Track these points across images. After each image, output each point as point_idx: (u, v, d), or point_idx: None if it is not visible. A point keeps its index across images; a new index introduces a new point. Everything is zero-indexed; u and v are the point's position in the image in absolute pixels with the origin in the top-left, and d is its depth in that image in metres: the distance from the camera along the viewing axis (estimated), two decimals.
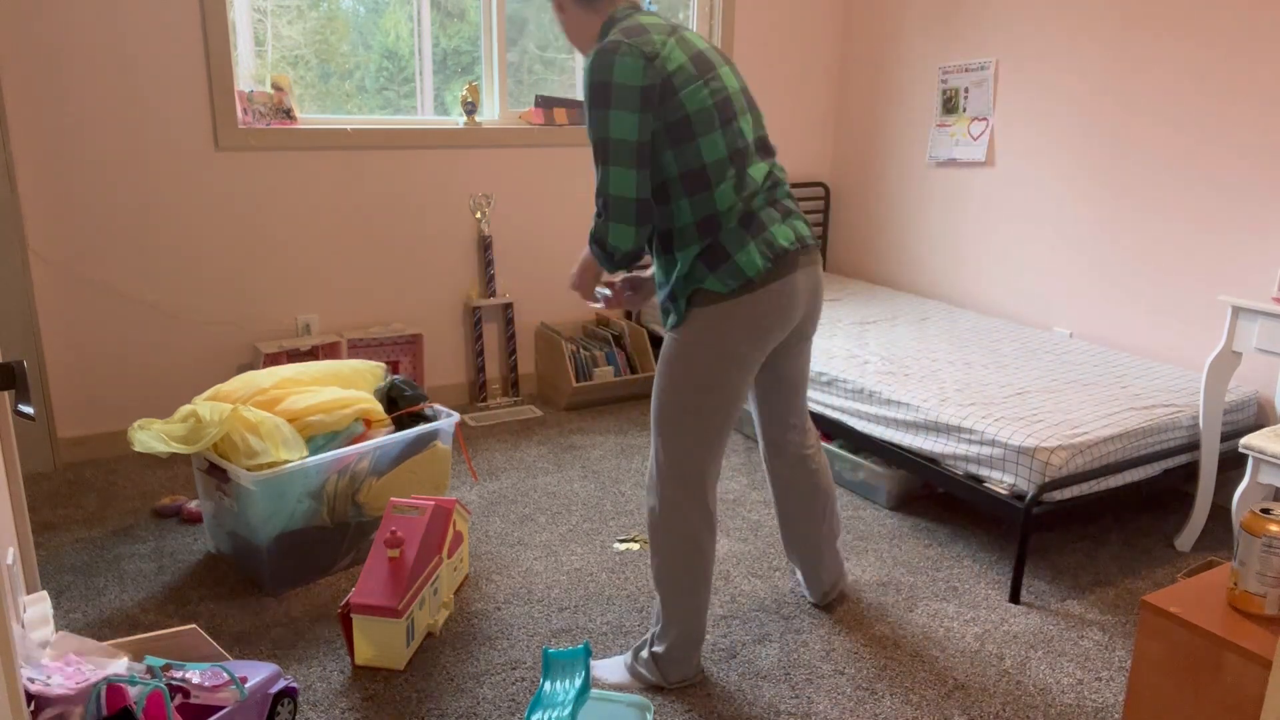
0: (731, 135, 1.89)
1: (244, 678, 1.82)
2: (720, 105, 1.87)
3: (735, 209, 1.89)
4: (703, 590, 2.04)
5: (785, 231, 1.95)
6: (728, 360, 1.92)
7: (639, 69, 1.79)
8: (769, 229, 1.92)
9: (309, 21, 3.49)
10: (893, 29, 4.21)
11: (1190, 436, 2.72)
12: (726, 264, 1.88)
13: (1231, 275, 3.03)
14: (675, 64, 1.83)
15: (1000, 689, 2.13)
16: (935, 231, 4.13)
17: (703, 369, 1.92)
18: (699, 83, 1.85)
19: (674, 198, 1.88)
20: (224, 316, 3.45)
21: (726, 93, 1.90)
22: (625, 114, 1.80)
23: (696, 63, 1.86)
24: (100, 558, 2.63)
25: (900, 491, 3.04)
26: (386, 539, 2.18)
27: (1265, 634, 1.56)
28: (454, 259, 3.84)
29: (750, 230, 1.90)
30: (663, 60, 1.81)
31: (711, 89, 1.87)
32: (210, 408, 2.38)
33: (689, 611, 2.05)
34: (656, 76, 1.80)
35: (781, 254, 1.92)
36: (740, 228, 1.89)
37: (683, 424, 1.95)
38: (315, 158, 3.47)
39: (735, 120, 1.90)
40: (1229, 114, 2.98)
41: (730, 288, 1.87)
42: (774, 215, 1.95)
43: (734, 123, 1.90)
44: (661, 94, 1.81)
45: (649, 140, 1.83)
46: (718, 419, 1.96)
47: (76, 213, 3.13)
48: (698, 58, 1.87)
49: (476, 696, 2.07)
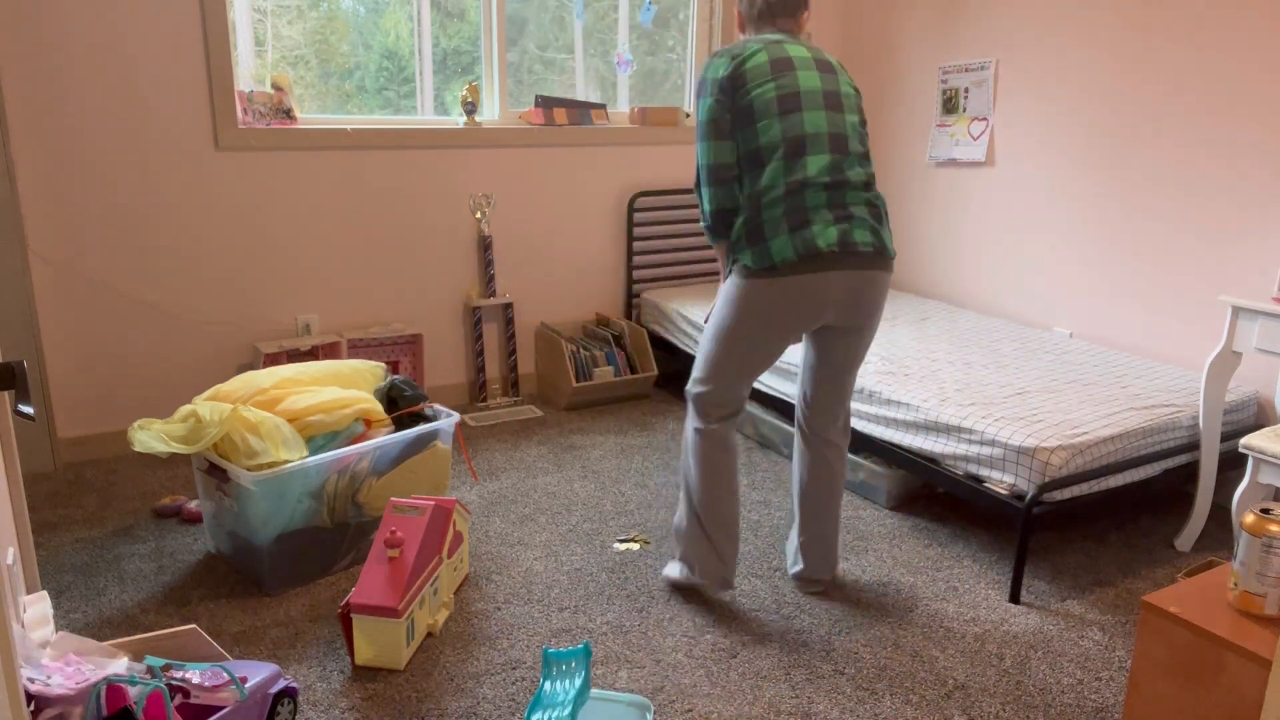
0: (791, 124, 2.12)
1: (244, 678, 1.82)
2: (784, 98, 2.13)
3: (777, 190, 2.11)
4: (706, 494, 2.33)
5: (830, 233, 2.11)
6: (743, 328, 2.21)
7: (721, 65, 2.18)
8: (812, 226, 2.10)
9: (309, 21, 3.49)
10: (893, 29, 4.21)
11: (1190, 436, 2.72)
12: (760, 246, 2.12)
13: (1231, 275, 3.03)
14: (753, 63, 2.15)
15: (1000, 689, 2.13)
16: (935, 231, 4.13)
17: (728, 321, 2.23)
18: (769, 79, 2.14)
19: (742, 174, 2.19)
20: (224, 316, 3.45)
21: (795, 89, 2.14)
22: (706, 99, 2.20)
23: (775, 65, 2.15)
24: (100, 558, 2.63)
25: (900, 491, 3.04)
26: (386, 539, 2.18)
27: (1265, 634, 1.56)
28: (454, 259, 3.84)
29: (792, 220, 2.10)
30: (742, 59, 2.16)
31: (779, 84, 2.14)
32: (210, 408, 2.37)
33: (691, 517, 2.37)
34: (733, 70, 2.16)
35: (815, 253, 2.09)
36: (783, 215, 2.11)
37: (710, 356, 2.29)
38: (315, 158, 3.47)
39: (799, 112, 2.13)
40: (1229, 114, 2.98)
41: (759, 266, 2.13)
42: (826, 215, 2.12)
43: (796, 114, 2.12)
44: (734, 84, 2.15)
45: (725, 118, 2.17)
46: (731, 364, 2.26)
47: (76, 213, 3.13)
48: (780, 61, 2.16)
49: (476, 696, 2.07)
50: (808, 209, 2.10)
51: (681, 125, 4.21)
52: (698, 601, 2.46)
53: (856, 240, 2.13)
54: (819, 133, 2.14)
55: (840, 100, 2.20)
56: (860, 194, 2.17)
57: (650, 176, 4.19)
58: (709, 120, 2.19)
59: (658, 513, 2.97)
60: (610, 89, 4.18)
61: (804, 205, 2.10)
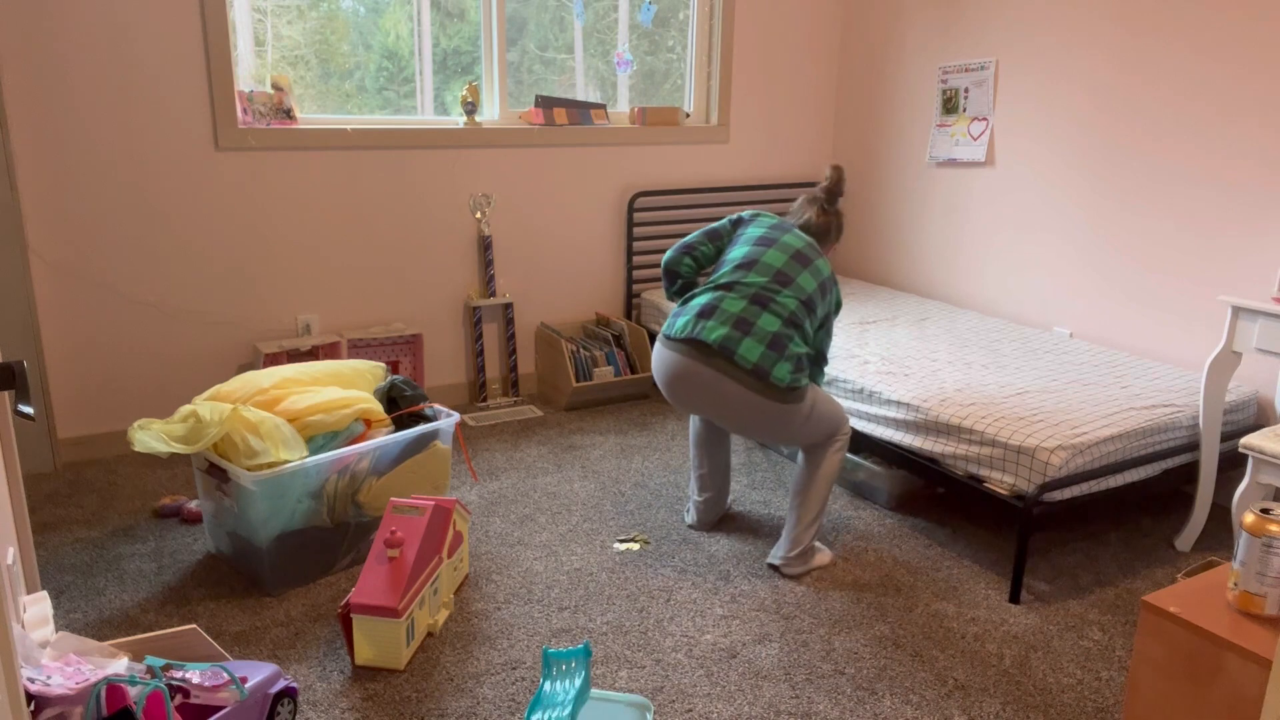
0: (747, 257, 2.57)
1: (244, 678, 1.82)
2: (751, 242, 2.61)
3: (707, 292, 2.55)
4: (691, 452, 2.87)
5: (706, 328, 2.45)
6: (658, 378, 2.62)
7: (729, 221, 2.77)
8: (702, 317, 2.48)
9: (309, 21, 3.49)
10: (893, 29, 4.21)
11: (1190, 436, 2.72)
12: (671, 316, 2.60)
13: (1231, 275, 3.03)
14: (745, 224, 2.71)
15: (1000, 689, 2.13)
16: (935, 231, 4.13)
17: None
18: (747, 229, 2.68)
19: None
20: (224, 316, 3.45)
21: (759, 238, 2.61)
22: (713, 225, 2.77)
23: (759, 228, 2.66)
24: (100, 558, 2.63)
25: (900, 491, 3.04)
26: (386, 539, 2.18)
27: (1265, 634, 1.56)
28: (454, 259, 3.84)
29: (700, 308, 2.51)
30: (743, 221, 2.73)
31: (749, 239, 2.63)
32: (210, 408, 2.37)
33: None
34: (730, 224, 2.75)
35: (680, 337, 2.49)
36: (698, 304, 2.53)
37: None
38: (315, 158, 3.47)
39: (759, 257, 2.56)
40: (1229, 114, 2.98)
41: (662, 330, 2.61)
42: (715, 319, 2.47)
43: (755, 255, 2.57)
44: (732, 227, 2.74)
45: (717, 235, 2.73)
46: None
47: (76, 213, 3.13)
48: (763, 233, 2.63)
49: (476, 696, 2.07)
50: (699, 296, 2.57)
51: (681, 125, 4.21)
52: (698, 601, 2.46)
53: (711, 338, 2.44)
54: (756, 279, 2.51)
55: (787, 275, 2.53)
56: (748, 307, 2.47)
57: (650, 176, 4.19)
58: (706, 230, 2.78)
59: (658, 513, 2.97)
60: (610, 89, 4.18)
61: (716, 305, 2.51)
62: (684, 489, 3.15)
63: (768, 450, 3.52)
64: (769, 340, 2.42)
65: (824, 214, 2.73)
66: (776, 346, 2.42)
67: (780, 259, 2.54)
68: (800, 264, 2.54)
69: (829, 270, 2.61)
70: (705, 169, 4.33)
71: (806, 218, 2.73)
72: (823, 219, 2.72)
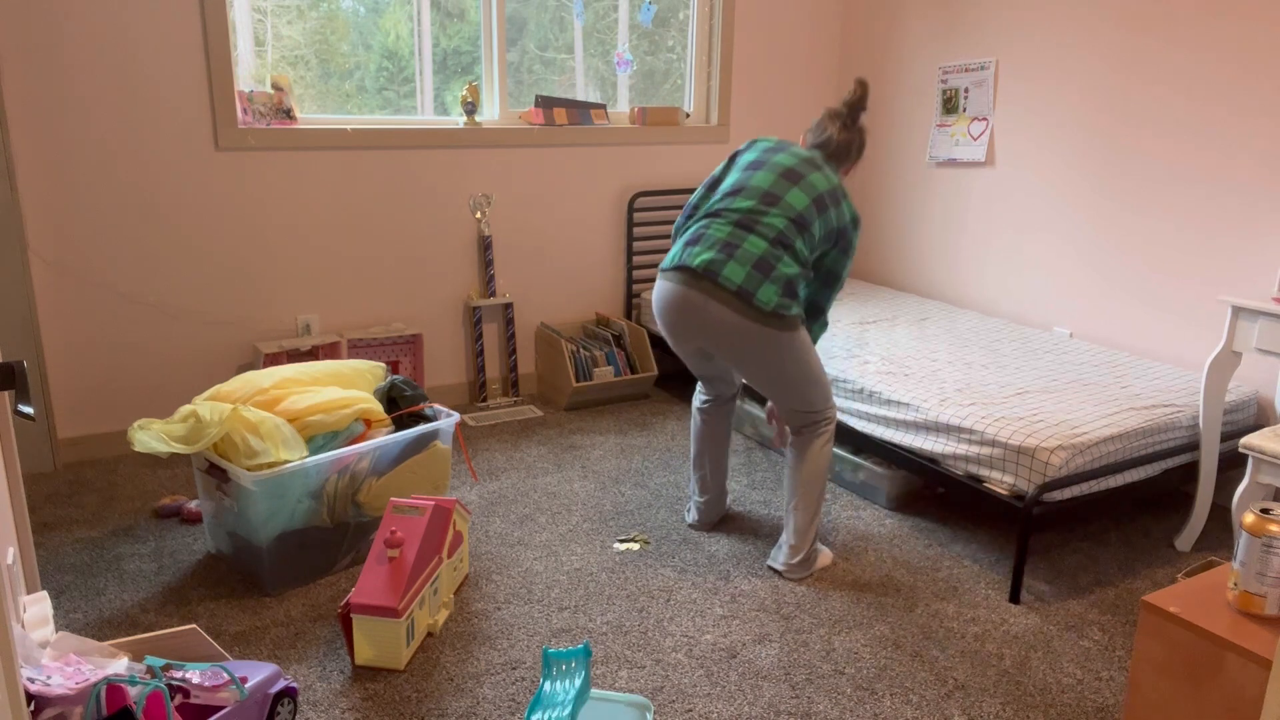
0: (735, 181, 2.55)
1: (244, 678, 1.82)
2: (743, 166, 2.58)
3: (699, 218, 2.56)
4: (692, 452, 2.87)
5: (702, 255, 2.43)
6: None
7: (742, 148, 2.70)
8: (698, 245, 2.46)
9: (309, 21, 3.49)
10: (893, 29, 4.21)
11: (1190, 436, 2.72)
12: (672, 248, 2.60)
13: (1231, 275, 3.03)
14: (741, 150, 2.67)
15: (1000, 689, 2.13)
16: (935, 231, 4.13)
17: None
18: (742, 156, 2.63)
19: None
20: (224, 316, 3.45)
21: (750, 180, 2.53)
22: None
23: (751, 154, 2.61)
24: (100, 558, 2.63)
25: (900, 491, 3.04)
26: (386, 539, 2.18)
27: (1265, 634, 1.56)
28: (454, 259, 3.84)
29: (692, 236, 2.51)
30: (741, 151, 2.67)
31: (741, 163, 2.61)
32: (210, 408, 2.37)
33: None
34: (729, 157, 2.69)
35: (678, 266, 2.47)
36: (692, 230, 2.53)
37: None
38: (315, 158, 3.47)
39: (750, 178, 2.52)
40: (1229, 114, 2.98)
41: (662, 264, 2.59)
42: (710, 244, 2.44)
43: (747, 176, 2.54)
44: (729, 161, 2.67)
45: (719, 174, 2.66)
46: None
47: (76, 213, 3.13)
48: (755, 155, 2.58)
49: (476, 696, 2.07)
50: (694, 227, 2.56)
51: (681, 125, 4.21)
52: (698, 601, 2.46)
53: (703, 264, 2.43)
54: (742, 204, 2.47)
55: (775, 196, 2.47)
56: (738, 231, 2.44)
57: (650, 176, 4.19)
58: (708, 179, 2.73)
59: (658, 513, 2.97)
60: (610, 89, 4.18)
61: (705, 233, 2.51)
62: (684, 489, 3.15)
63: (768, 450, 3.52)
64: (754, 261, 2.38)
65: (845, 130, 2.60)
66: (762, 268, 2.38)
67: (768, 179, 2.47)
68: (790, 180, 2.46)
69: (833, 182, 2.49)
70: (705, 169, 4.33)
71: (827, 135, 2.61)
72: (844, 136, 2.60)
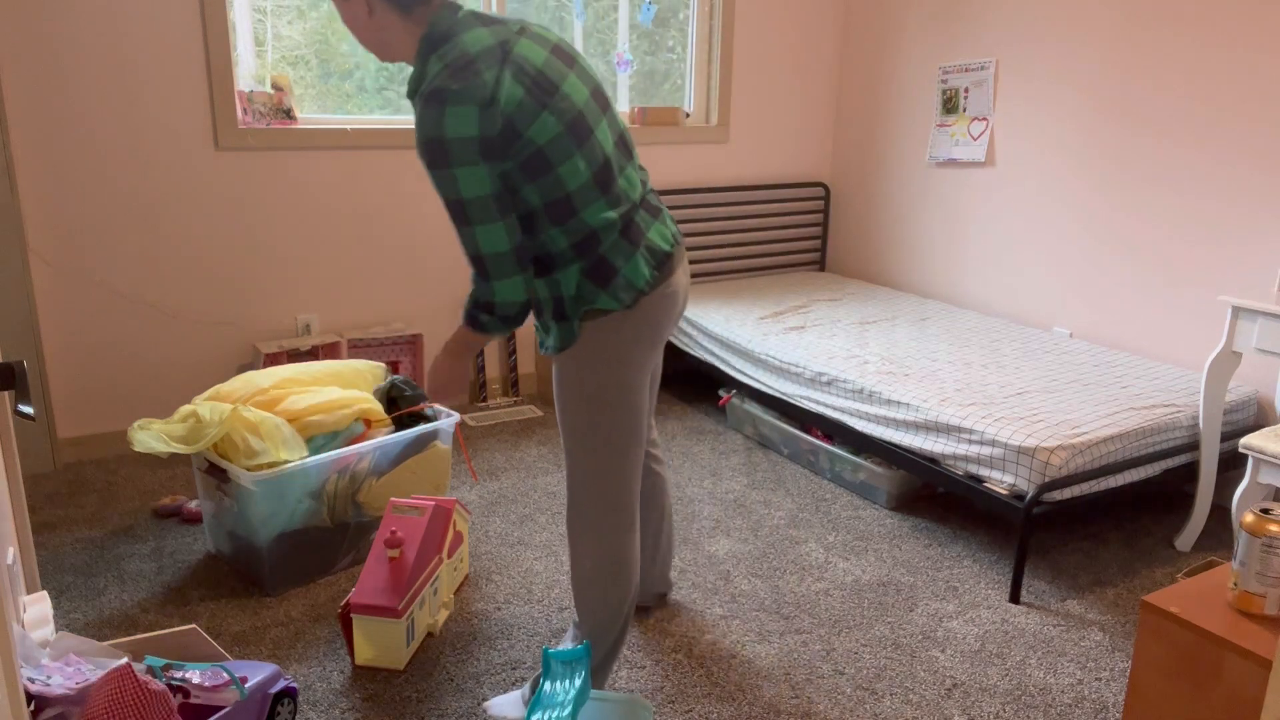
0: (592, 153, 1.75)
1: (244, 678, 1.82)
2: (572, 126, 1.71)
3: (614, 224, 1.78)
4: (628, 608, 1.98)
5: (662, 232, 1.89)
6: (629, 368, 1.85)
7: (472, 118, 1.60)
8: (648, 234, 1.85)
9: (309, 21, 3.49)
10: (893, 29, 4.21)
11: (1190, 436, 2.72)
12: (615, 279, 1.78)
13: (1231, 275, 3.03)
14: (513, 103, 1.64)
15: (1000, 689, 2.13)
16: (935, 231, 4.13)
17: (608, 382, 1.84)
18: (544, 112, 1.67)
19: (543, 228, 1.74)
20: (224, 316, 3.45)
21: (577, 109, 1.73)
22: (469, 169, 1.62)
23: (537, 89, 1.68)
24: (100, 558, 2.63)
25: (900, 491, 3.04)
26: (386, 539, 2.18)
27: (1265, 634, 1.56)
28: (454, 259, 3.84)
29: (631, 239, 1.81)
30: (499, 103, 1.62)
31: (559, 111, 1.70)
32: (210, 408, 2.38)
33: (615, 631, 1.99)
34: (494, 123, 1.62)
35: (664, 258, 1.86)
36: (622, 239, 1.79)
37: (597, 441, 1.87)
38: (315, 158, 3.47)
39: (592, 135, 1.76)
40: (1229, 113, 2.98)
41: (624, 303, 1.79)
42: (648, 219, 1.87)
43: (590, 138, 1.75)
44: (505, 139, 1.64)
45: (502, 186, 1.68)
46: (630, 425, 1.89)
47: (76, 213, 3.13)
48: (538, 81, 1.69)
49: (476, 696, 2.07)
50: (635, 219, 1.84)
51: (681, 125, 4.21)
52: (698, 602, 2.46)
53: (675, 231, 1.94)
54: (610, 149, 1.81)
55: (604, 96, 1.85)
56: (649, 187, 1.94)
57: (650, 176, 4.19)
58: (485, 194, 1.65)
59: None
60: (610, 89, 4.18)
61: (632, 218, 1.83)
62: (683, 488, 3.15)
63: (768, 450, 3.52)
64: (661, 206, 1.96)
65: None
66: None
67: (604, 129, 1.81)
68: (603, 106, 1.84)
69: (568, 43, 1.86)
70: (705, 169, 4.33)
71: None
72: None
